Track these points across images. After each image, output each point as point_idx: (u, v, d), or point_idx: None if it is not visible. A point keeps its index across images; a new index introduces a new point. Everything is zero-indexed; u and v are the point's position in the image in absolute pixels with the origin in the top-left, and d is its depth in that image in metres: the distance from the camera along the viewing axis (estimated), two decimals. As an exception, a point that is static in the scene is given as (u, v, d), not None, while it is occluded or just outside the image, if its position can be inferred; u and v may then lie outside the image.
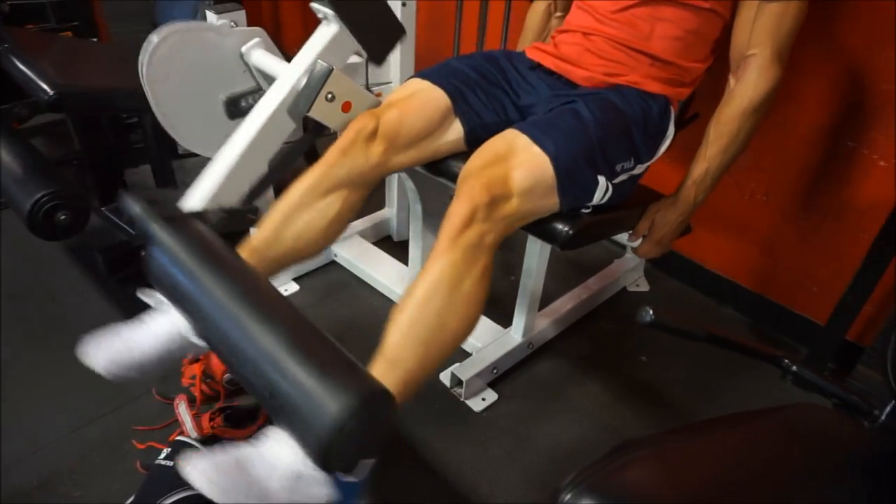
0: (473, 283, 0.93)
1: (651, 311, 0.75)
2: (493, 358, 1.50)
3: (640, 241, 1.25)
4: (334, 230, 1.14)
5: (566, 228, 1.00)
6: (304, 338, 0.82)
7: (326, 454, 0.73)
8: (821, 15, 1.34)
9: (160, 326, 1.01)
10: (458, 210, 0.93)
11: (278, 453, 0.78)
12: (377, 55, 1.27)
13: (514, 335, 1.56)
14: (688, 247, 1.83)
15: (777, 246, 1.67)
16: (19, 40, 1.50)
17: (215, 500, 0.72)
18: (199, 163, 2.13)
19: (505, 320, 1.60)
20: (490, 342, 1.54)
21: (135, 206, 1.00)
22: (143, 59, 1.27)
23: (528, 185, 0.95)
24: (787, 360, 0.84)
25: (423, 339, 0.90)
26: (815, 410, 0.77)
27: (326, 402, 0.72)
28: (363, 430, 0.74)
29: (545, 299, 1.60)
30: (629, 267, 1.86)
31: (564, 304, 1.70)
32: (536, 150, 0.97)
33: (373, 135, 1.09)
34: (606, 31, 1.18)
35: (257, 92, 1.47)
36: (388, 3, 1.25)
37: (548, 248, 1.43)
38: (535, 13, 1.44)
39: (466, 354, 1.53)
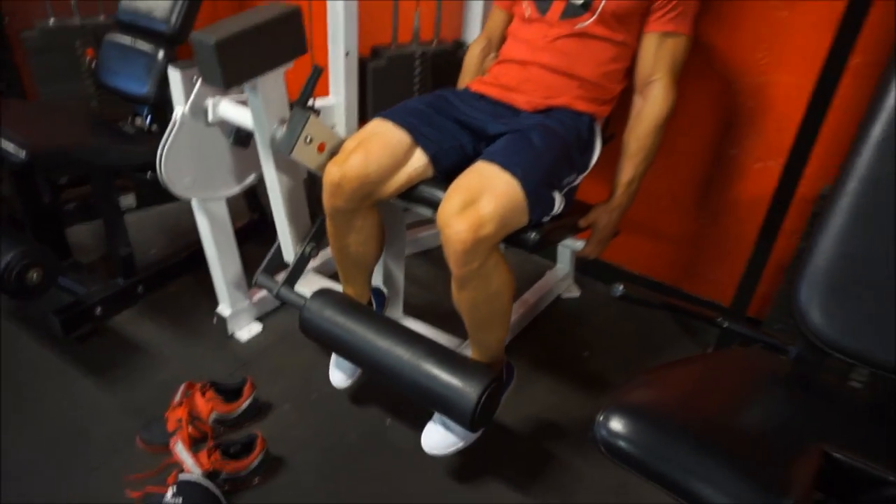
0: (497, 279, 1.22)
1: (621, 286, 0.95)
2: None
3: (582, 246, 1.47)
4: (375, 242, 1.45)
5: (534, 236, 1.19)
6: (438, 351, 1.31)
7: (472, 420, 1.22)
8: (697, 47, 1.65)
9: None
10: (452, 254, 1.15)
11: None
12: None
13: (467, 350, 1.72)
14: (610, 252, 2.08)
15: (683, 243, 1.95)
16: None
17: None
18: (143, 217, 2.18)
19: (461, 335, 1.75)
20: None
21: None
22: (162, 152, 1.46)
23: (502, 212, 1.14)
24: (720, 318, 1.06)
25: (489, 326, 1.33)
26: (748, 351, 0.99)
27: (469, 388, 1.22)
28: (489, 400, 1.24)
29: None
30: (560, 277, 2.08)
31: (512, 313, 1.88)
32: (507, 176, 1.16)
33: (340, 185, 1.27)
34: (541, 60, 1.40)
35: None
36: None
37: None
38: (473, 55, 1.64)
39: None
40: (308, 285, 1.63)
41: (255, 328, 1.86)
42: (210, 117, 1.49)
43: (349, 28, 1.53)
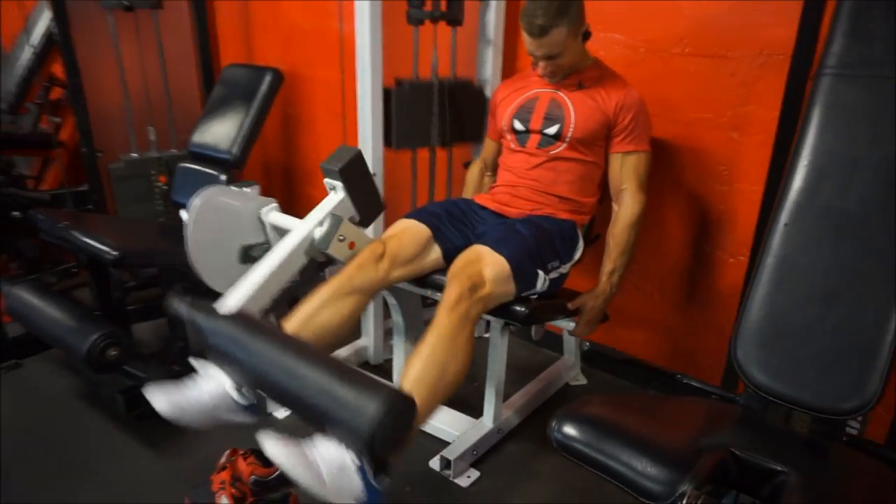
0: (464, 340, 1.36)
1: (587, 343, 1.18)
2: (471, 442, 1.83)
3: (574, 327, 1.71)
4: (347, 325, 1.54)
5: (522, 309, 1.45)
6: (340, 368, 1.13)
7: (369, 442, 0.99)
8: (672, 164, 1.97)
9: (210, 383, 1.36)
10: (449, 294, 1.38)
11: (329, 450, 1.11)
12: (366, 220, 1.74)
13: (486, 423, 1.91)
14: (613, 342, 2.29)
15: (674, 331, 2.15)
16: (72, 219, 1.88)
17: (285, 469, 1.06)
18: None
19: (476, 414, 1.95)
20: (467, 430, 1.88)
21: (182, 305, 1.36)
22: (190, 212, 1.68)
23: (494, 276, 1.42)
24: (680, 375, 1.27)
25: (433, 378, 1.31)
26: (707, 400, 1.20)
27: (367, 403, 1.00)
28: (394, 425, 1.01)
29: (505, 397, 1.97)
30: (568, 365, 2.28)
31: (522, 397, 2.07)
32: (496, 255, 1.46)
33: (381, 256, 1.56)
34: (525, 183, 1.74)
35: (264, 244, 1.89)
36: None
37: (506, 349, 1.84)
38: (473, 174, 2.03)
39: (447, 444, 1.85)
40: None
41: (284, 412, 2.07)
42: (266, 223, 1.82)
43: (375, 153, 1.89)
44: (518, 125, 1.77)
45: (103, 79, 2.42)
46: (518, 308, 1.46)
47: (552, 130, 1.70)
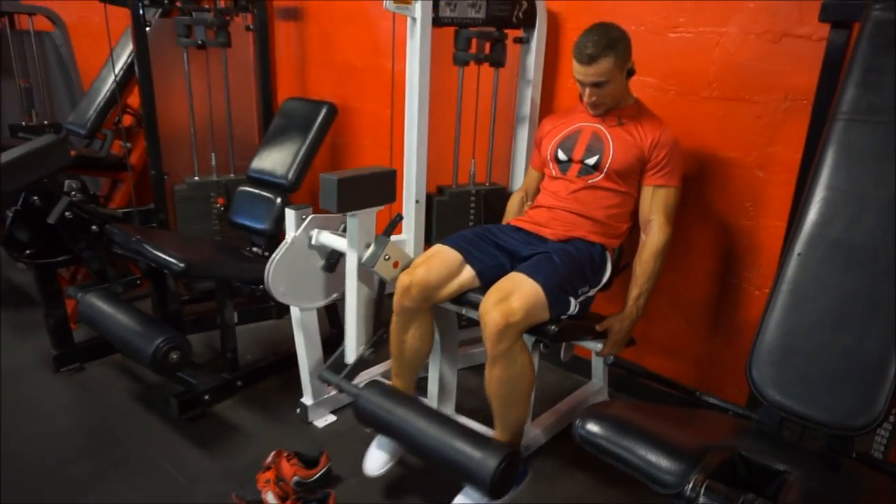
0: (520, 362, 1.57)
1: (612, 357, 1.28)
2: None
3: (601, 348, 1.81)
4: (427, 341, 1.85)
5: (553, 328, 1.56)
6: (463, 430, 1.62)
7: (492, 486, 1.47)
8: (701, 200, 2.07)
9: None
10: (488, 336, 1.55)
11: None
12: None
13: (515, 440, 2.00)
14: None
15: (699, 359, 2.22)
16: (142, 234, 2.08)
17: None
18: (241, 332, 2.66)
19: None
20: (497, 446, 1.97)
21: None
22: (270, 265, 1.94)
23: (528, 306, 1.55)
24: (699, 392, 1.36)
25: (511, 405, 1.64)
26: (723, 414, 1.28)
27: (488, 459, 1.49)
28: (506, 470, 1.48)
29: (534, 416, 2.06)
30: (595, 390, 2.36)
31: (549, 417, 2.16)
32: (532, 281, 1.58)
33: (409, 288, 1.72)
34: (564, 206, 1.86)
35: (342, 254, 2.03)
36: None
37: (536, 367, 1.94)
38: (513, 203, 2.15)
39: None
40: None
41: (330, 418, 2.20)
42: (313, 242, 1.98)
43: (420, 182, 2.04)
44: (561, 155, 1.91)
45: (172, 109, 2.65)
46: (549, 327, 1.58)
47: (592, 161, 1.84)
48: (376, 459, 1.84)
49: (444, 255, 1.77)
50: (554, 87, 2.37)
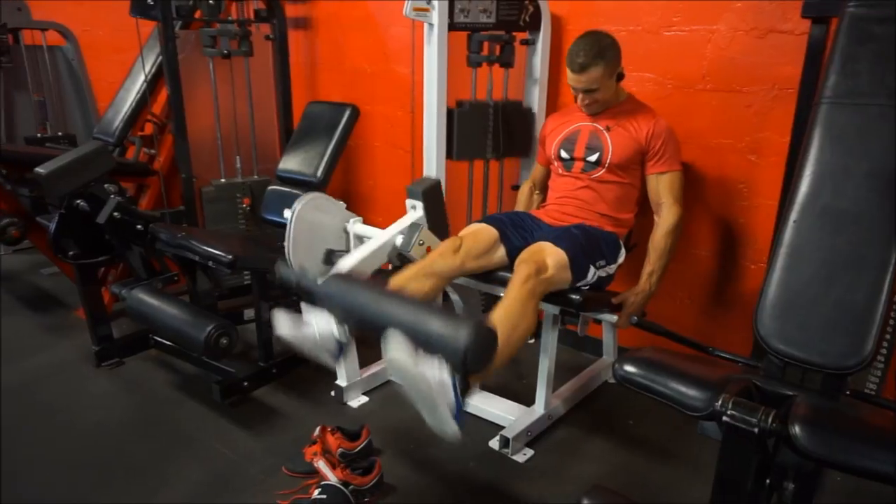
0: (530, 309, 1.69)
1: (637, 317, 1.46)
2: (525, 425, 2.09)
3: (616, 321, 1.99)
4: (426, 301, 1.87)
5: (577, 297, 1.74)
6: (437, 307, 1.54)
7: (464, 359, 1.29)
8: (699, 184, 2.26)
9: (321, 322, 1.66)
10: (519, 273, 1.70)
11: (432, 367, 1.35)
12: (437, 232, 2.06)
13: (538, 409, 2.17)
14: (643, 343, 2.55)
15: (703, 334, 2.41)
16: (186, 231, 2.23)
17: (400, 378, 1.38)
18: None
19: (528, 404, 2.21)
20: (521, 415, 2.14)
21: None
22: (294, 209, 2.01)
23: (554, 262, 1.73)
24: (710, 348, 1.54)
25: (507, 329, 1.58)
26: (736, 364, 1.46)
27: (462, 328, 1.32)
28: (480, 347, 1.32)
29: (553, 391, 2.24)
30: (606, 365, 2.54)
31: (567, 389, 2.33)
32: (556, 248, 1.77)
33: (458, 248, 1.89)
34: (571, 202, 2.07)
35: (344, 252, 2.19)
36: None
37: (556, 339, 2.11)
38: (523, 192, 2.36)
39: (503, 427, 2.11)
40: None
41: (363, 399, 2.36)
42: (351, 235, 2.14)
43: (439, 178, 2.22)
44: (564, 154, 2.09)
45: (197, 115, 2.80)
46: (572, 296, 1.76)
47: (593, 158, 2.03)
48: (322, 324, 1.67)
49: (487, 231, 1.97)
50: (558, 84, 2.55)
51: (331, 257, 2.17)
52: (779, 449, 1.17)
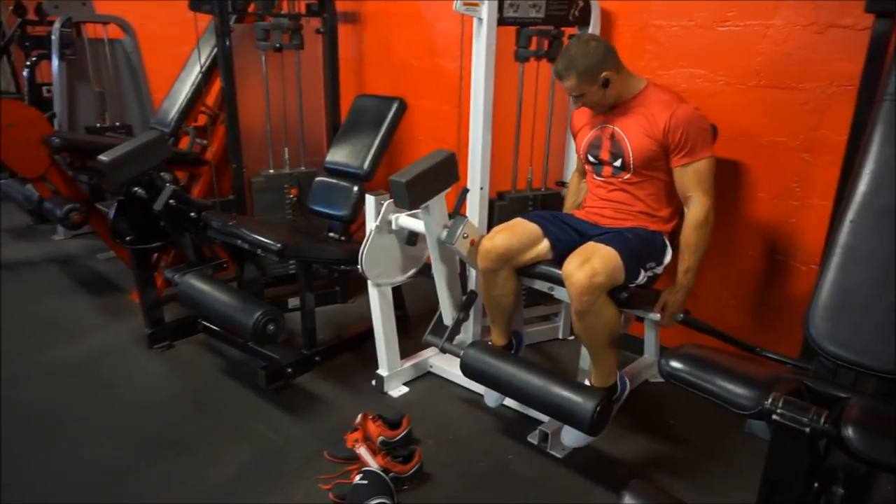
0: (605, 315, 1.76)
1: (681, 315, 1.44)
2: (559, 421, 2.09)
3: (660, 319, 1.97)
4: (512, 294, 2.05)
5: (623, 295, 1.73)
6: (557, 377, 1.81)
7: (590, 426, 1.67)
8: (749, 183, 2.22)
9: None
10: (574, 294, 1.73)
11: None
12: None
13: (577, 406, 2.17)
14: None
15: (748, 335, 2.35)
16: (236, 219, 2.30)
17: None
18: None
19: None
20: (561, 411, 2.14)
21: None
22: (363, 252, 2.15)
23: (608, 268, 1.73)
24: (759, 348, 1.51)
25: (601, 348, 1.83)
26: (785, 365, 1.43)
27: (587, 401, 1.69)
28: (601, 413, 1.68)
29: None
30: (647, 364, 2.51)
31: (608, 387, 2.32)
32: (609, 248, 1.76)
33: (490, 251, 1.94)
34: (608, 205, 2.04)
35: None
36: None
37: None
38: (573, 183, 2.33)
39: (541, 422, 2.12)
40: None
41: (404, 389, 2.39)
42: (393, 227, 2.18)
43: (484, 172, 2.23)
44: (592, 159, 2.06)
45: (248, 107, 2.87)
46: (620, 295, 1.75)
47: (618, 163, 1.98)
48: (491, 396, 2.17)
49: (524, 225, 1.97)
50: (606, 80, 2.53)
51: (412, 237, 2.24)
52: (830, 451, 1.15)
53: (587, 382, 1.97)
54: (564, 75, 1.92)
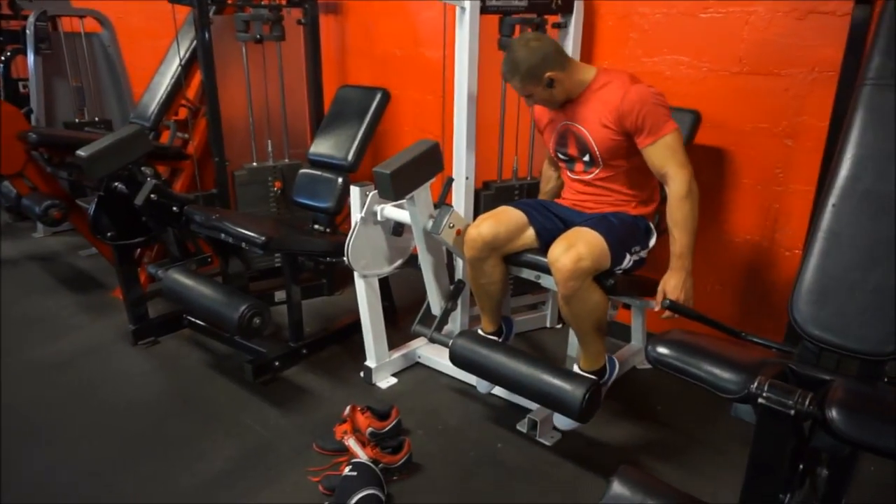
0: (591, 296, 1.77)
1: (668, 301, 1.45)
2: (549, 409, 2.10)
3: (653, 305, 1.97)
4: (500, 281, 2.04)
5: (610, 282, 1.74)
6: (546, 365, 1.82)
7: (580, 413, 1.69)
8: (733, 169, 2.23)
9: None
10: (559, 280, 1.74)
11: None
12: None
13: (566, 394, 2.18)
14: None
15: (733, 320, 2.38)
16: (220, 213, 2.28)
17: None
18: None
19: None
20: (549, 399, 2.15)
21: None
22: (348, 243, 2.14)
23: (593, 252, 1.72)
24: (743, 333, 1.52)
25: (588, 332, 1.84)
26: (770, 349, 1.45)
27: (576, 389, 1.70)
28: (590, 399, 1.69)
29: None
30: (634, 351, 2.53)
31: (595, 375, 2.33)
32: (594, 233, 1.76)
33: (476, 239, 1.93)
34: (587, 198, 2.03)
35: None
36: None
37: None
38: (546, 171, 2.33)
39: (530, 410, 2.12)
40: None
41: (392, 380, 2.39)
42: (378, 218, 2.17)
43: (469, 162, 2.22)
44: (562, 156, 2.06)
45: (230, 100, 2.83)
46: (606, 281, 1.76)
47: (587, 158, 1.98)
48: (483, 383, 2.20)
49: (510, 213, 1.96)
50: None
51: (398, 227, 2.22)
52: (814, 433, 1.16)
53: (576, 367, 1.98)
54: (508, 78, 1.93)
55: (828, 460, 1.30)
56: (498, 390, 2.22)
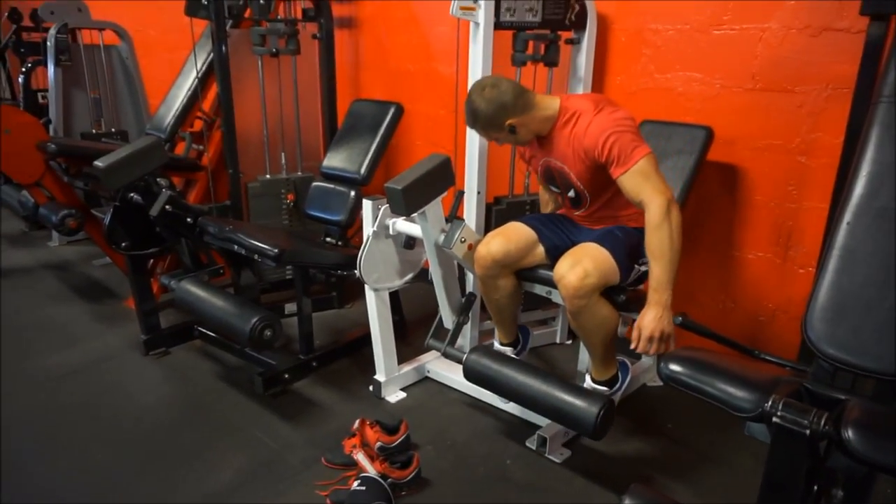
0: (599, 310, 1.79)
1: (680, 317, 1.44)
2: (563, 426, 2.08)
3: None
4: (514, 296, 2.06)
5: (622, 297, 1.73)
6: (560, 381, 1.83)
7: (594, 431, 1.69)
8: (749, 187, 2.22)
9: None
10: (566, 296, 1.74)
11: None
12: None
13: (576, 410, 2.16)
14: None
15: (745, 338, 2.36)
16: (233, 225, 2.29)
17: None
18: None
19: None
20: (559, 416, 2.14)
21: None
22: (361, 257, 2.15)
23: (600, 268, 1.72)
24: (757, 351, 1.51)
25: (598, 346, 1.86)
26: (784, 368, 1.43)
27: (590, 406, 1.71)
28: (605, 417, 1.70)
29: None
30: (644, 367, 2.50)
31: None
32: (600, 248, 1.76)
33: (486, 257, 1.93)
34: (585, 220, 2.03)
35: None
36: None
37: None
38: (542, 192, 2.30)
39: (539, 427, 2.11)
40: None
41: (401, 395, 2.38)
42: (390, 231, 2.17)
43: (481, 177, 2.23)
44: (553, 188, 2.06)
45: (244, 112, 2.86)
46: (618, 297, 1.75)
47: (572, 194, 1.96)
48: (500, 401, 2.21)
49: (520, 229, 1.97)
50: (602, 84, 2.54)
51: (410, 241, 2.22)
52: (830, 453, 1.15)
53: (588, 378, 2.00)
54: (470, 125, 1.94)
55: (843, 481, 1.28)
56: (508, 406, 2.21)
